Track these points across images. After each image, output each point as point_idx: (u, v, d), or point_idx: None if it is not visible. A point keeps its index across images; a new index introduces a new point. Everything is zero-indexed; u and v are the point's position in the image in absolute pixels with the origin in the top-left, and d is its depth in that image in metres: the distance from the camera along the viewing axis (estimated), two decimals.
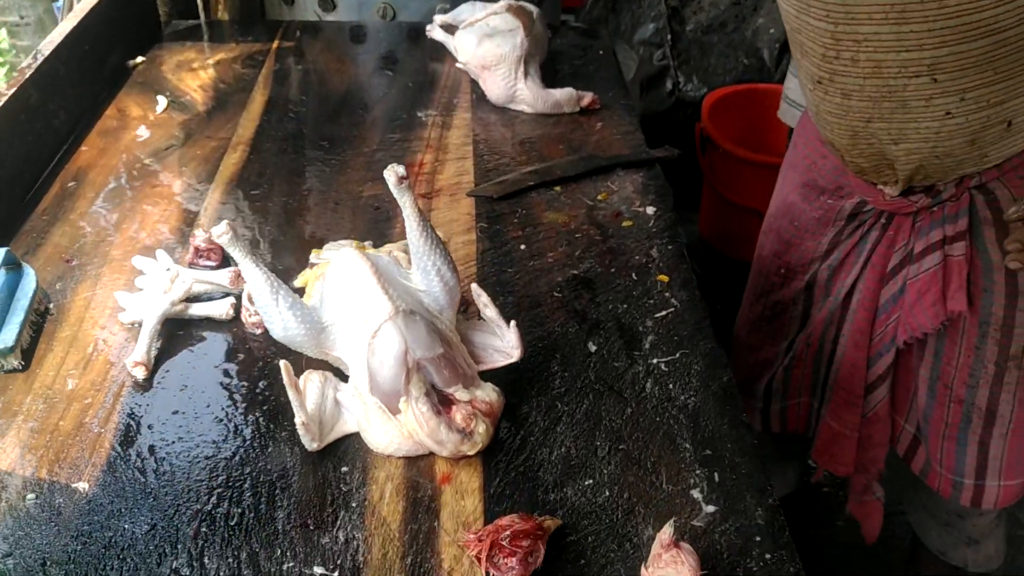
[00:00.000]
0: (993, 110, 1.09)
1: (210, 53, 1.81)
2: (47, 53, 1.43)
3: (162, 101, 1.60)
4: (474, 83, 1.68)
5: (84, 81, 1.56)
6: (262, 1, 2.30)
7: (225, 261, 1.19)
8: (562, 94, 1.59)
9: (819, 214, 1.37)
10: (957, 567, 1.58)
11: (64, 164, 1.42)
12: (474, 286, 1.03)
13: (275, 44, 1.86)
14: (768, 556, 0.84)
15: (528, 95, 1.58)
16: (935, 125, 1.11)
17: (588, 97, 1.60)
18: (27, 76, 1.36)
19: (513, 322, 0.98)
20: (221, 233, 0.91)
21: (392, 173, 0.92)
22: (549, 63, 1.73)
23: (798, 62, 1.22)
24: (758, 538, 0.86)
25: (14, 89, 1.32)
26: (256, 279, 0.93)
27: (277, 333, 0.95)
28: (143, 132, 1.51)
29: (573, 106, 1.59)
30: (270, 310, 0.94)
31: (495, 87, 1.60)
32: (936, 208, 1.23)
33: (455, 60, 1.75)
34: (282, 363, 0.93)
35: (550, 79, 1.65)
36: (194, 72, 1.73)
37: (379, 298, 0.92)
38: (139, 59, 1.76)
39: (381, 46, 1.89)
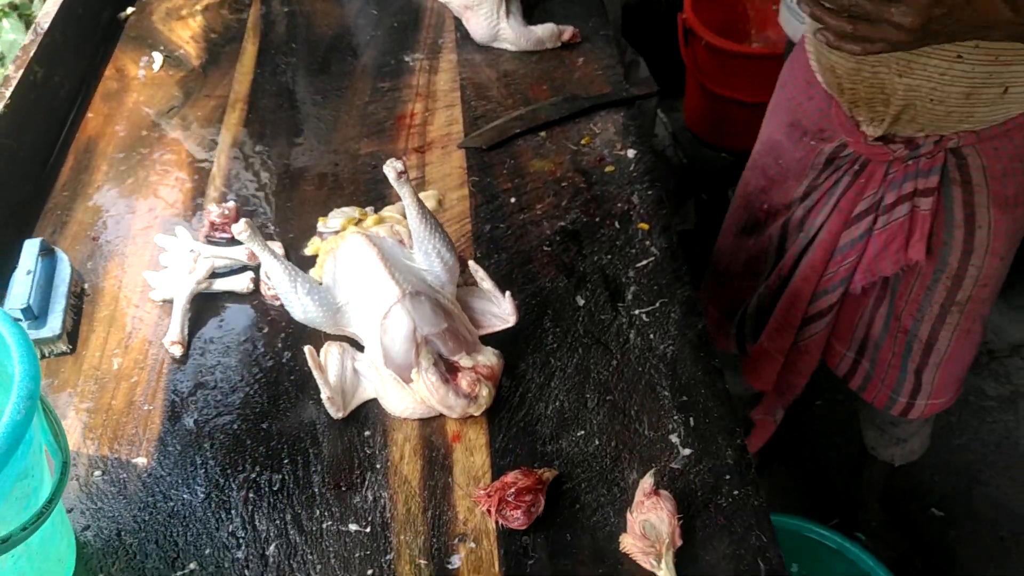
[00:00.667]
0: (997, 68, 1.15)
1: None
2: (46, 26, 1.48)
3: (158, 58, 1.66)
4: (458, 20, 1.72)
5: (81, 45, 1.62)
6: None
7: None
8: (543, 30, 1.64)
9: (801, 155, 1.45)
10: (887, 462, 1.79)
11: (74, 134, 1.49)
12: (471, 263, 1.13)
13: None
14: (736, 492, 0.98)
15: (511, 34, 1.63)
16: (943, 65, 1.16)
17: (568, 32, 1.65)
18: (31, 54, 1.42)
19: (508, 293, 1.09)
20: (240, 231, 1.01)
21: (391, 169, 1.01)
22: None
23: None
24: (728, 476, 0.99)
25: (22, 70, 1.38)
26: (275, 270, 1.04)
27: (298, 316, 1.06)
28: (143, 94, 1.58)
29: (555, 41, 1.65)
30: (290, 296, 1.05)
31: (478, 27, 1.65)
32: (911, 162, 1.31)
33: None
34: (306, 349, 1.05)
35: (530, 14, 1.69)
36: (183, 21, 1.77)
37: (387, 283, 1.03)
38: (129, 10, 1.79)
39: None
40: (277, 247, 1.25)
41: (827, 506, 2.12)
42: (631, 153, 1.42)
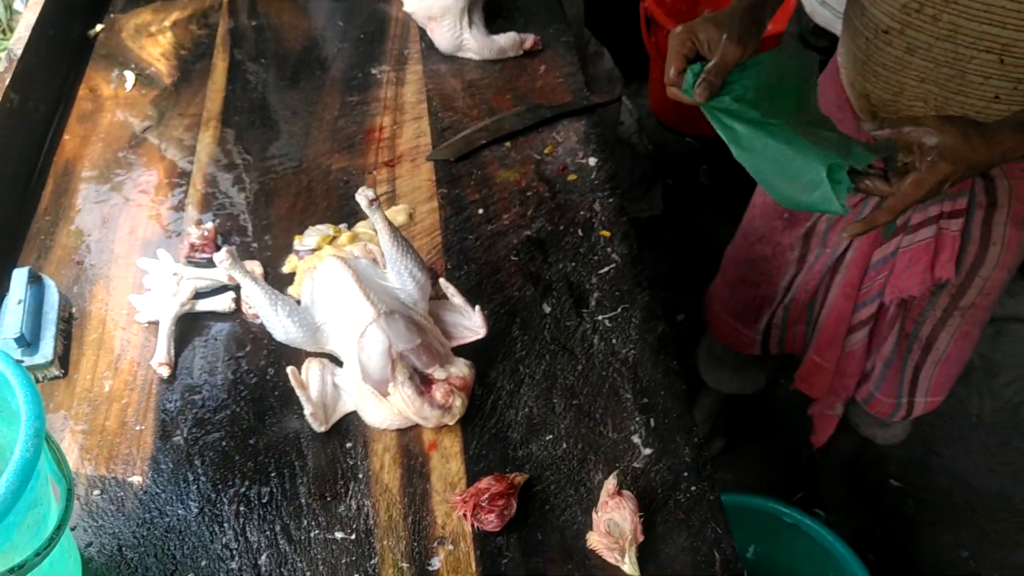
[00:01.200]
0: None
1: (164, 13, 1.88)
2: (19, 52, 1.52)
3: (130, 77, 1.70)
4: (422, 30, 1.77)
5: (53, 65, 1.66)
6: None
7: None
8: (506, 39, 1.69)
9: None
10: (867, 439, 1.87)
11: (52, 157, 1.54)
12: (442, 280, 1.20)
13: None
14: (693, 488, 1.06)
15: (474, 44, 1.69)
16: (980, 104, 1.17)
17: (530, 39, 1.71)
18: (6, 82, 1.46)
19: (478, 306, 1.16)
20: (222, 260, 1.07)
21: (363, 198, 1.07)
22: (490, 4, 1.82)
23: (859, 10, 1.24)
24: (686, 473, 1.07)
25: None
26: (256, 295, 1.10)
27: (279, 337, 1.13)
28: (117, 115, 1.62)
29: (517, 50, 1.70)
30: (271, 319, 1.11)
31: (442, 38, 1.70)
32: None
33: (402, 3, 1.84)
34: (289, 370, 1.11)
35: (493, 23, 1.75)
36: (153, 38, 1.81)
37: (362, 304, 1.10)
38: (98, 27, 1.83)
39: None
40: (256, 266, 1.30)
41: (792, 481, 2.22)
42: (592, 161, 1.48)
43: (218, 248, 1.34)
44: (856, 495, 2.16)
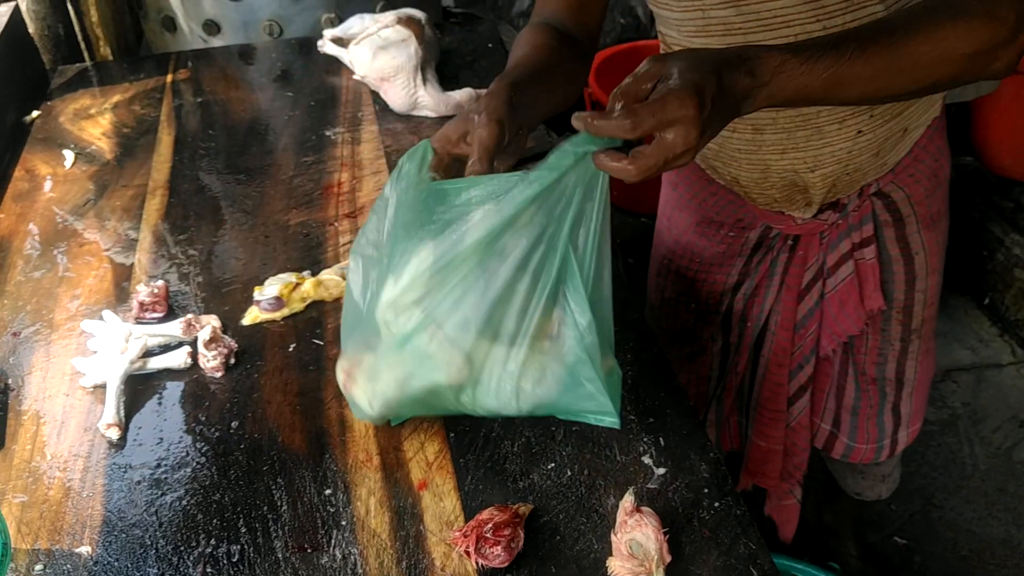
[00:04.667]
0: (895, 121, 1.16)
1: (104, 97, 1.82)
2: None
3: (69, 156, 1.61)
4: (375, 94, 1.74)
5: None
6: (141, 33, 2.29)
7: (171, 312, 1.24)
8: (461, 95, 1.66)
9: (723, 248, 1.38)
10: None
11: None
12: None
13: (168, 78, 1.88)
14: (717, 504, 0.96)
15: (429, 100, 1.65)
16: (847, 145, 1.15)
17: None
18: None
19: None
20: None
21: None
22: (443, 63, 1.80)
23: None
24: (706, 490, 0.97)
25: None
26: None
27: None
28: (56, 192, 1.53)
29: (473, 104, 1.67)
30: None
31: (396, 97, 1.66)
32: (841, 220, 1.29)
33: (351, 72, 1.81)
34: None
35: (446, 79, 1.72)
36: (93, 119, 1.74)
37: None
38: (35, 113, 1.76)
39: (275, 66, 1.92)
40: (213, 320, 1.20)
41: (800, 545, 2.10)
42: None
43: (169, 307, 1.24)
44: (862, 556, 2.04)
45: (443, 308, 0.88)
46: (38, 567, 0.93)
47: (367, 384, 0.96)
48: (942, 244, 1.39)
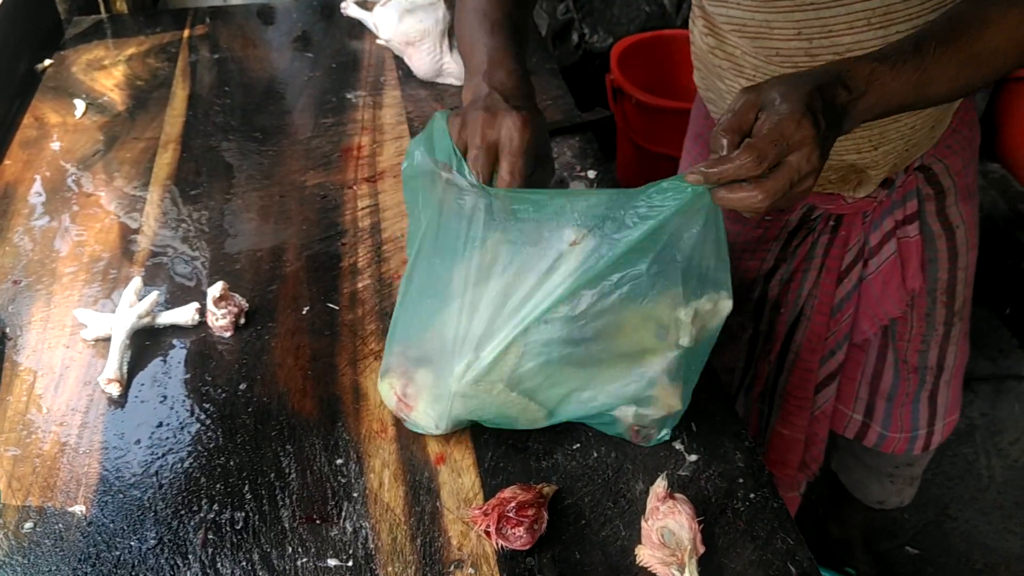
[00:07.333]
0: None
1: (119, 49, 1.76)
2: None
3: (80, 105, 1.55)
4: (399, 59, 1.67)
5: None
6: None
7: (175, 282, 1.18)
8: None
9: (759, 232, 1.31)
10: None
11: None
12: None
13: (185, 33, 1.82)
14: (752, 495, 0.90)
15: (455, 67, 1.59)
16: (911, 120, 1.11)
17: None
18: None
19: None
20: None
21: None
22: None
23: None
24: (740, 479, 0.91)
25: None
26: None
27: None
28: (64, 141, 1.47)
29: None
30: None
31: (421, 63, 1.60)
32: (886, 198, 1.23)
33: (375, 37, 1.75)
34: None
35: None
36: (106, 70, 1.68)
37: None
38: (47, 62, 1.69)
39: (295, 26, 1.86)
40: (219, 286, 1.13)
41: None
42: (592, 174, 1.37)
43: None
44: (875, 565, 1.98)
45: (533, 384, 0.88)
46: (28, 524, 0.87)
47: (431, 406, 0.92)
48: (977, 218, 1.33)
